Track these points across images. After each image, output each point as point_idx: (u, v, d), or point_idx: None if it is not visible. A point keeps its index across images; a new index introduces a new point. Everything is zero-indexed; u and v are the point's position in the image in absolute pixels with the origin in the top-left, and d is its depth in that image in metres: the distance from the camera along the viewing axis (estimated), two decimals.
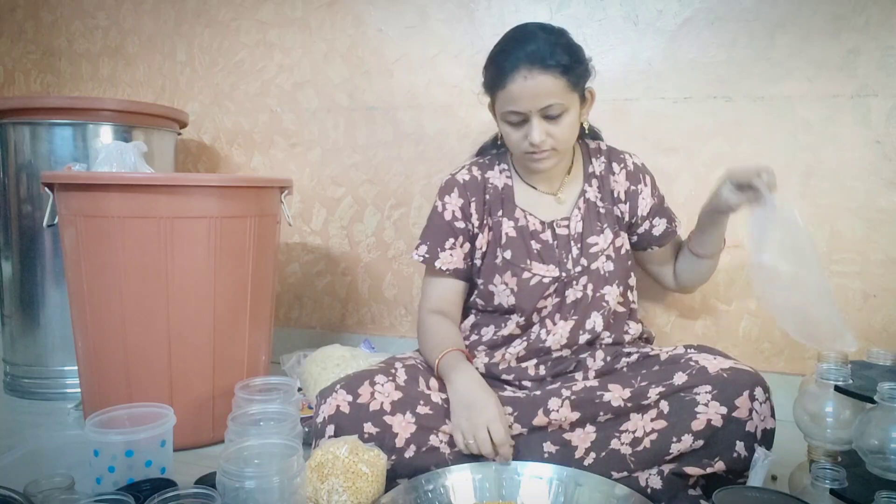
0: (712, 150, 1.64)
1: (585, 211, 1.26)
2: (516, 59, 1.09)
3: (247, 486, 0.92)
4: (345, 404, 1.08)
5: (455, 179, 1.30)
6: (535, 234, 1.25)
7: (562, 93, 1.10)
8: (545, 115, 1.11)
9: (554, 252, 1.24)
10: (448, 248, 1.27)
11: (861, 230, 1.55)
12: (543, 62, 1.08)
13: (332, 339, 2.02)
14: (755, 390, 1.02)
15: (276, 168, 2.06)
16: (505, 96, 1.12)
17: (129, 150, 1.53)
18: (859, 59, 1.52)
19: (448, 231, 1.27)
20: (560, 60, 1.08)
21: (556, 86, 1.09)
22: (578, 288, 1.22)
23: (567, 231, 1.25)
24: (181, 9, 2.13)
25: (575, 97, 1.13)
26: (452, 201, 1.27)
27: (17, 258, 1.72)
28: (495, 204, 1.28)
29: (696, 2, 1.62)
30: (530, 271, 1.22)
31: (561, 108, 1.11)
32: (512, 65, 1.09)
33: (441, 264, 1.27)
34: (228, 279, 1.40)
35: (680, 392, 1.04)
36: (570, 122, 1.14)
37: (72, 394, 1.67)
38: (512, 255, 1.24)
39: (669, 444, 1.02)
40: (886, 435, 0.94)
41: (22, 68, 2.36)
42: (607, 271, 1.23)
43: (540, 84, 1.08)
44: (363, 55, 1.93)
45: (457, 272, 1.28)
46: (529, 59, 1.08)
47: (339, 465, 0.99)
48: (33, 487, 0.99)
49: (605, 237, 1.25)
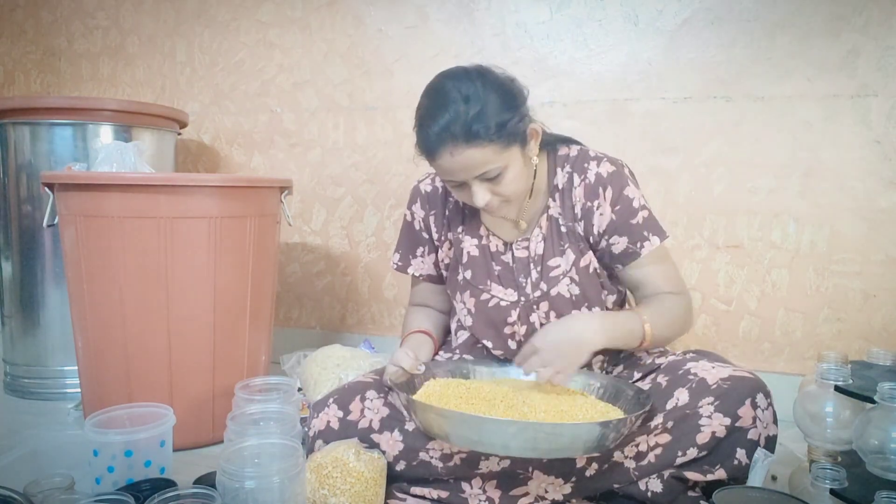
0: (712, 150, 1.64)
1: (548, 230, 1.16)
2: (436, 135, 0.99)
3: (246, 486, 0.92)
4: (335, 420, 1.09)
5: (418, 189, 1.27)
6: (497, 255, 1.19)
7: (495, 156, 1.01)
8: (484, 178, 1.03)
9: (512, 274, 1.17)
10: (419, 255, 1.29)
11: (861, 230, 1.55)
12: (467, 137, 0.98)
13: (332, 339, 2.02)
14: (756, 397, 1.01)
15: (276, 168, 2.06)
16: (438, 167, 1.05)
17: (128, 150, 1.53)
18: (859, 59, 1.52)
19: (417, 239, 1.29)
20: (484, 126, 0.98)
21: (486, 152, 0.99)
22: (541, 314, 1.15)
23: (527, 252, 1.17)
24: (181, 9, 2.13)
25: (514, 150, 1.03)
26: (417, 211, 1.28)
27: (17, 258, 1.72)
28: (455, 219, 1.23)
29: (695, 2, 1.62)
30: (489, 293, 1.17)
31: (499, 169, 1.02)
32: (436, 142, 1.00)
33: (414, 270, 1.30)
34: (228, 279, 1.40)
35: (685, 410, 1.03)
36: (513, 176, 1.05)
37: (72, 394, 1.67)
38: (472, 276, 1.19)
39: (675, 458, 1.02)
40: (886, 435, 0.94)
41: (22, 68, 2.36)
42: (574, 294, 1.13)
43: (468, 157, 0.99)
44: (363, 55, 1.93)
45: (430, 277, 1.31)
46: (450, 134, 0.98)
47: (338, 466, 0.99)
48: (33, 487, 0.99)
49: (567, 258, 1.14)
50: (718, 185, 1.65)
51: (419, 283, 1.34)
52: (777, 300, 1.63)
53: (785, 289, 1.62)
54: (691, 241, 1.68)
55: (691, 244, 1.68)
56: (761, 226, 1.62)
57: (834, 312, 1.59)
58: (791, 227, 1.60)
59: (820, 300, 1.60)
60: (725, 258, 1.66)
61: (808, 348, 1.62)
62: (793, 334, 1.63)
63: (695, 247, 1.68)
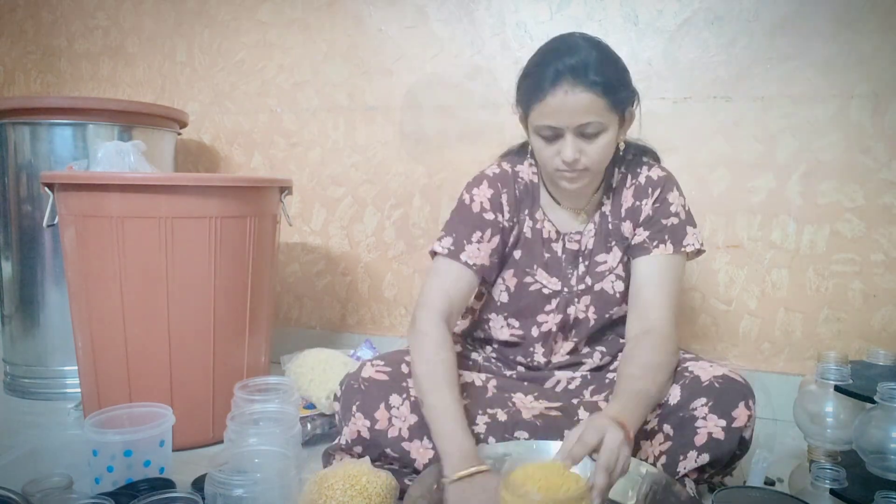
0: (712, 150, 1.64)
1: (599, 226, 1.18)
2: (557, 71, 1.01)
3: (234, 494, 0.92)
4: (364, 430, 1.08)
5: (484, 173, 1.22)
6: (548, 242, 1.19)
7: (601, 112, 1.02)
8: (581, 132, 1.04)
9: (560, 265, 1.19)
10: (475, 242, 1.16)
11: (861, 230, 1.55)
12: (587, 77, 1.00)
13: (332, 339, 2.02)
14: (749, 401, 1.02)
15: (276, 168, 2.06)
16: (542, 109, 1.04)
17: (128, 150, 1.53)
18: (859, 59, 1.51)
19: (477, 222, 1.17)
20: (604, 78, 1.01)
21: (597, 104, 1.01)
22: (581, 307, 1.17)
23: (577, 246, 1.19)
24: (181, 9, 2.13)
25: (614, 118, 1.05)
26: (481, 193, 1.18)
27: (17, 258, 1.72)
28: (525, 199, 1.20)
29: (695, 2, 1.62)
30: (534, 277, 1.18)
31: (598, 126, 1.03)
32: (553, 78, 1.01)
33: (467, 258, 1.15)
34: (228, 279, 1.40)
35: (678, 412, 1.04)
36: (605, 143, 1.05)
37: (72, 394, 1.67)
38: (521, 256, 1.19)
39: (676, 463, 1.02)
40: (886, 435, 0.95)
41: (22, 68, 2.36)
42: (618, 291, 1.16)
43: (580, 100, 1.01)
44: (363, 55, 1.93)
45: (481, 269, 1.16)
46: (573, 73, 1.00)
47: (341, 479, 0.99)
48: (32, 487, 0.99)
49: (614, 255, 1.17)
50: (718, 185, 1.65)
51: (461, 277, 1.15)
52: (777, 300, 1.63)
53: (785, 289, 1.62)
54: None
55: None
56: (761, 226, 1.62)
57: (834, 312, 1.59)
58: (791, 227, 1.60)
59: (820, 300, 1.60)
60: (725, 258, 1.66)
61: (808, 348, 1.62)
62: (793, 334, 1.63)
63: None
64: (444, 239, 1.17)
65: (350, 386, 1.11)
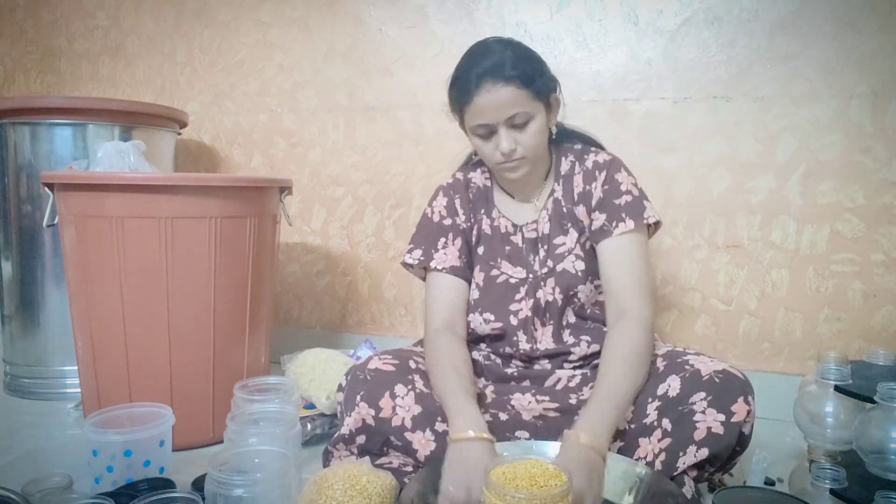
0: (712, 150, 1.64)
1: (553, 211, 1.26)
2: (478, 74, 1.12)
3: (234, 494, 0.92)
4: (369, 418, 1.10)
5: (440, 186, 1.35)
6: (507, 236, 1.28)
7: (525, 102, 1.13)
8: (511, 124, 1.14)
9: (522, 255, 1.27)
10: (441, 248, 1.28)
11: (861, 230, 1.55)
12: (504, 74, 1.11)
13: (331, 338, 2.02)
14: (748, 397, 1.03)
15: (276, 168, 2.06)
16: (472, 111, 1.15)
17: (128, 150, 1.53)
18: (859, 59, 1.51)
19: (438, 231, 1.30)
20: (520, 72, 1.12)
21: (519, 96, 1.12)
22: (548, 290, 1.23)
23: (535, 234, 1.27)
24: (181, 9, 2.13)
25: (539, 105, 1.16)
26: (438, 203, 1.32)
27: (17, 258, 1.72)
28: (478, 202, 1.32)
29: (695, 2, 1.62)
30: (499, 269, 1.26)
31: (526, 116, 1.14)
32: (476, 80, 1.13)
33: (437, 263, 1.26)
34: (228, 279, 1.40)
35: (677, 406, 1.04)
36: (536, 130, 1.16)
37: (72, 394, 1.67)
38: (484, 252, 1.28)
39: (676, 459, 1.02)
40: (886, 435, 0.95)
41: (22, 68, 2.36)
42: (579, 270, 1.22)
43: (503, 95, 1.11)
44: (363, 55, 1.93)
45: (454, 269, 1.26)
46: (491, 73, 1.11)
47: (341, 479, 0.99)
48: (32, 487, 0.99)
49: (571, 236, 1.25)
50: (718, 185, 1.65)
51: (443, 285, 1.26)
52: (777, 300, 1.63)
53: (785, 289, 1.62)
54: (691, 241, 1.68)
55: (691, 244, 1.68)
56: (761, 226, 1.62)
57: (834, 312, 1.59)
58: (791, 227, 1.60)
59: (820, 300, 1.60)
60: (725, 258, 1.66)
61: (808, 348, 1.62)
62: (793, 334, 1.63)
63: (695, 247, 1.68)
64: (414, 251, 1.30)
65: (356, 376, 1.14)
